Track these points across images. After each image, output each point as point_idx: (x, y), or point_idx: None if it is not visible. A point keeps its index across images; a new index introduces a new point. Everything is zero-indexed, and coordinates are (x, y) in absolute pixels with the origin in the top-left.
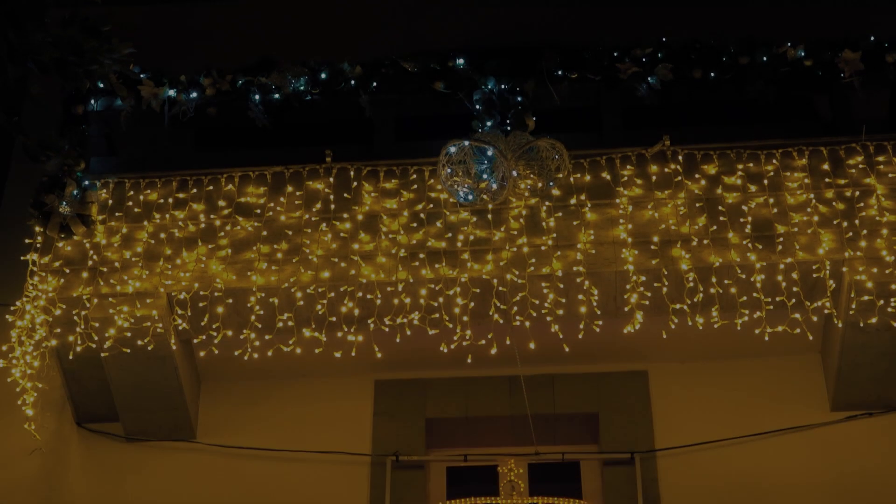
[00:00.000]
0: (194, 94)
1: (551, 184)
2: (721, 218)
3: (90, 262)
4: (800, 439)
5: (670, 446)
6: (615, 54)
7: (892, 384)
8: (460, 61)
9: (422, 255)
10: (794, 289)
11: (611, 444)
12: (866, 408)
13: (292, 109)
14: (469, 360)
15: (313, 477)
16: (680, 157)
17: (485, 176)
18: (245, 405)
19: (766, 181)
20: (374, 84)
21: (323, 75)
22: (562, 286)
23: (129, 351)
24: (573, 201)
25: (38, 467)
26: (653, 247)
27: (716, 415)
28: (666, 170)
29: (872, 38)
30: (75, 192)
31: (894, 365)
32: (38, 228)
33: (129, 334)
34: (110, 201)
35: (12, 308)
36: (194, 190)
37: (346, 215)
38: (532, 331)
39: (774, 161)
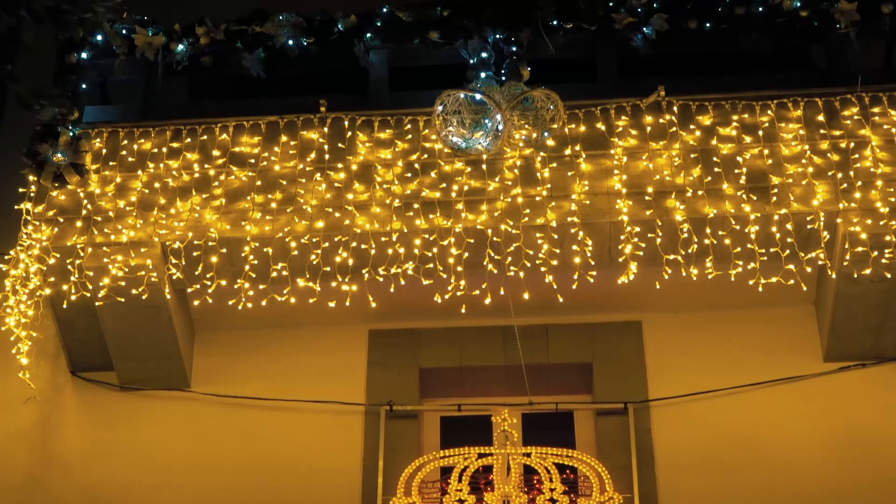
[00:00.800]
0: (189, 43)
1: (546, 134)
2: (716, 169)
3: (84, 212)
4: (793, 390)
5: (664, 396)
6: (610, 4)
7: (885, 335)
8: (455, 11)
9: (416, 206)
10: (789, 240)
11: (604, 395)
12: (859, 359)
13: (287, 59)
14: (463, 311)
15: (307, 426)
16: (675, 108)
17: (479, 126)
18: (239, 354)
19: (760, 132)
20: (369, 34)
21: (317, 25)
22: (556, 237)
23: (123, 300)
24: (568, 152)
25: (33, 416)
26: (647, 197)
27: (709, 365)
28: (661, 121)
29: None
30: (69, 141)
31: (887, 316)
32: (31, 177)
33: (123, 283)
34: (104, 150)
35: (6, 257)
36: (188, 139)
37: (340, 165)
38: (526, 281)
39: (769, 112)
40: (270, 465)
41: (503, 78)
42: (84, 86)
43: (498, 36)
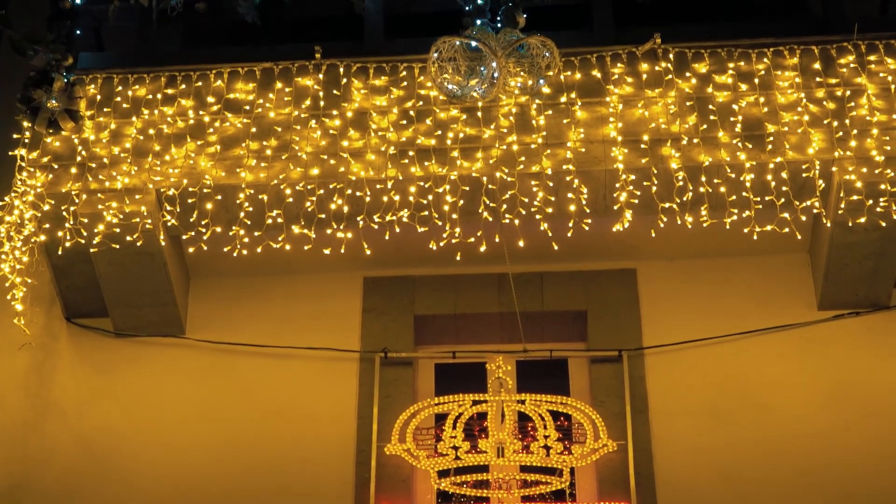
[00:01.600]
0: None
1: (541, 82)
2: (711, 117)
3: (79, 158)
4: (787, 338)
5: (658, 344)
6: None
7: (880, 283)
8: None
9: (411, 153)
10: (784, 188)
11: (598, 342)
12: (853, 307)
13: (282, 5)
14: (458, 258)
15: (302, 373)
16: (671, 56)
17: (475, 73)
18: (234, 301)
19: (756, 80)
20: None
21: None
22: (551, 184)
23: (117, 247)
24: (563, 99)
25: (28, 362)
26: (642, 145)
27: (704, 313)
28: (656, 68)
29: None
30: (63, 87)
31: (882, 264)
32: (26, 124)
33: (117, 230)
34: (98, 97)
35: (1, 203)
36: (183, 86)
37: (335, 112)
38: (521, 229)
39: (765, 60)
40: (265, 412)
41: (499, 25)
42: (78, 31)
43: None
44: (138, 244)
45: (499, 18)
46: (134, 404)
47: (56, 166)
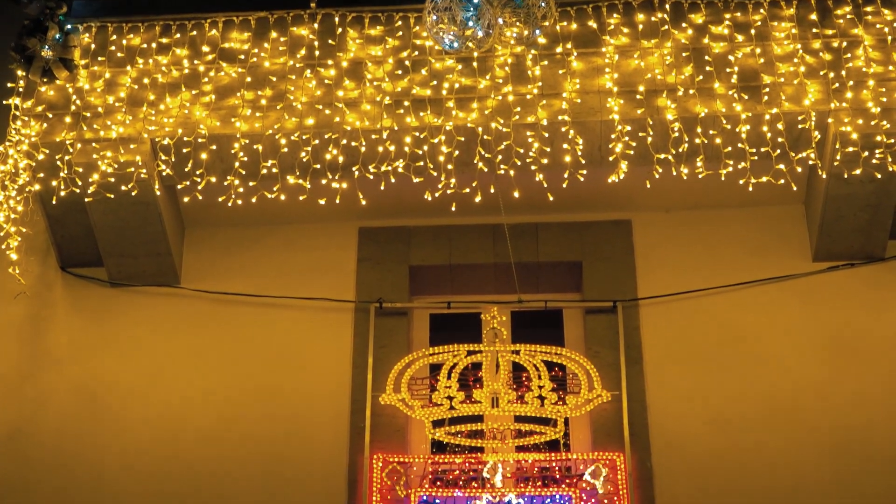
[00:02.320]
0: None
1: (537, 32)
2: (707, 68)
3: (73, 107)
4: (781, 289)
5: (653, 295)
6: None
7: (875, 235)
8: None
9: (406, 103)
10: (779, 139)
11: (593, 293)
12: (848, 258)
13: None
14: (453, 209)
15: (297, 323)
16: (667, 6)
17: (470, 23)
18: (229, 251)
19: (753, 31)
20: None
21: None
22: (546, 135)
23: (112, 196)
24: (559, 50)
25: (23, 311)
26: (638, 96)
27: (699, 264)
28: (653, 18)
29: None
30: (58, 35)
31: (877, 216)
32: (20, 72)
33: (112, 180)
34: (93, 45)
35: None
36: (178, 35)
37: (330, 62)
38: (516, 179)
39: (762, 11)
40: (260, 362)
41: None
42: None
43: None
44: (133, 194)
45: None
46: (129, 353)
47: (50, 115)
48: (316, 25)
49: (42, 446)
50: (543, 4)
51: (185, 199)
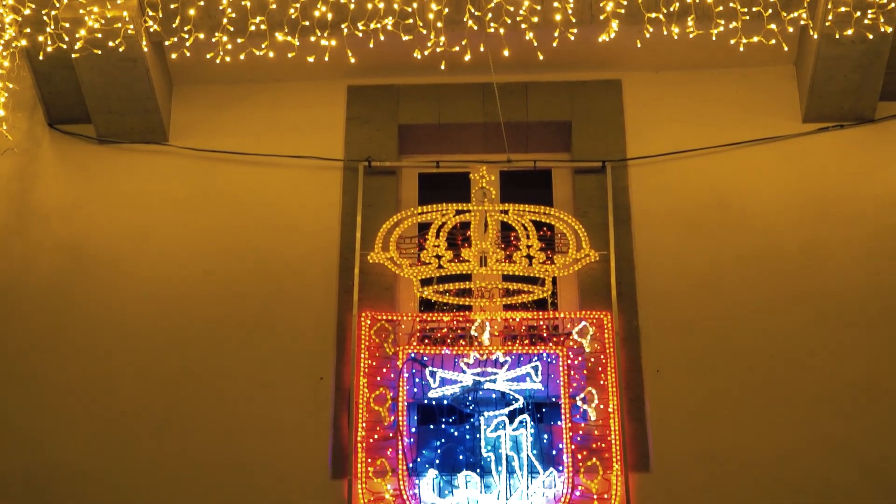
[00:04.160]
0: None
1: None
2: None
3: None
4: (771, 150)
5: (642, 155)
6: None
7: (865, 96)
8: None
9: None
10: None
11: (583, 153)
12: (838, 119)
13: None
14: (442, 67)
15: (285, 181)
16: None
17: None
18: (217, 109)
19: None
20: None
21: None
22: None
23: (99, 52)
24: None
25: (10, 167)
26: None
27: (688, 124)
28: None
29: None
30: None
31: (867, 77)
32: None
33: (99, 35)
34: None
35: None
36: None
37: None
38: (506, 38)
39: None
40: (248, 220)
41: None
42: None
43: None
44: (120, 50)
45: None
46: (117, 210)
47: None
48: None
49: (31, 300)
50: None
51: (173, 56)
